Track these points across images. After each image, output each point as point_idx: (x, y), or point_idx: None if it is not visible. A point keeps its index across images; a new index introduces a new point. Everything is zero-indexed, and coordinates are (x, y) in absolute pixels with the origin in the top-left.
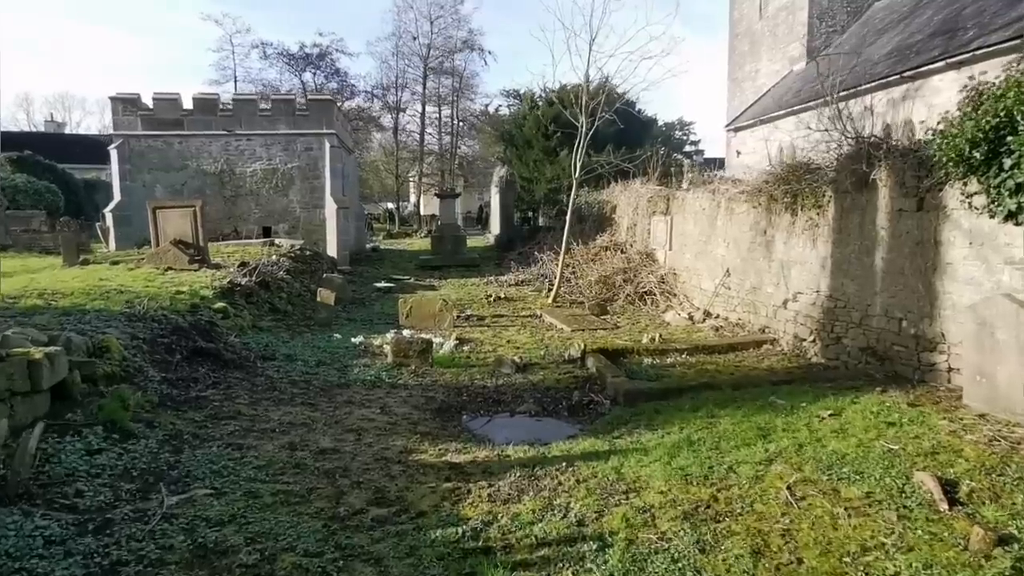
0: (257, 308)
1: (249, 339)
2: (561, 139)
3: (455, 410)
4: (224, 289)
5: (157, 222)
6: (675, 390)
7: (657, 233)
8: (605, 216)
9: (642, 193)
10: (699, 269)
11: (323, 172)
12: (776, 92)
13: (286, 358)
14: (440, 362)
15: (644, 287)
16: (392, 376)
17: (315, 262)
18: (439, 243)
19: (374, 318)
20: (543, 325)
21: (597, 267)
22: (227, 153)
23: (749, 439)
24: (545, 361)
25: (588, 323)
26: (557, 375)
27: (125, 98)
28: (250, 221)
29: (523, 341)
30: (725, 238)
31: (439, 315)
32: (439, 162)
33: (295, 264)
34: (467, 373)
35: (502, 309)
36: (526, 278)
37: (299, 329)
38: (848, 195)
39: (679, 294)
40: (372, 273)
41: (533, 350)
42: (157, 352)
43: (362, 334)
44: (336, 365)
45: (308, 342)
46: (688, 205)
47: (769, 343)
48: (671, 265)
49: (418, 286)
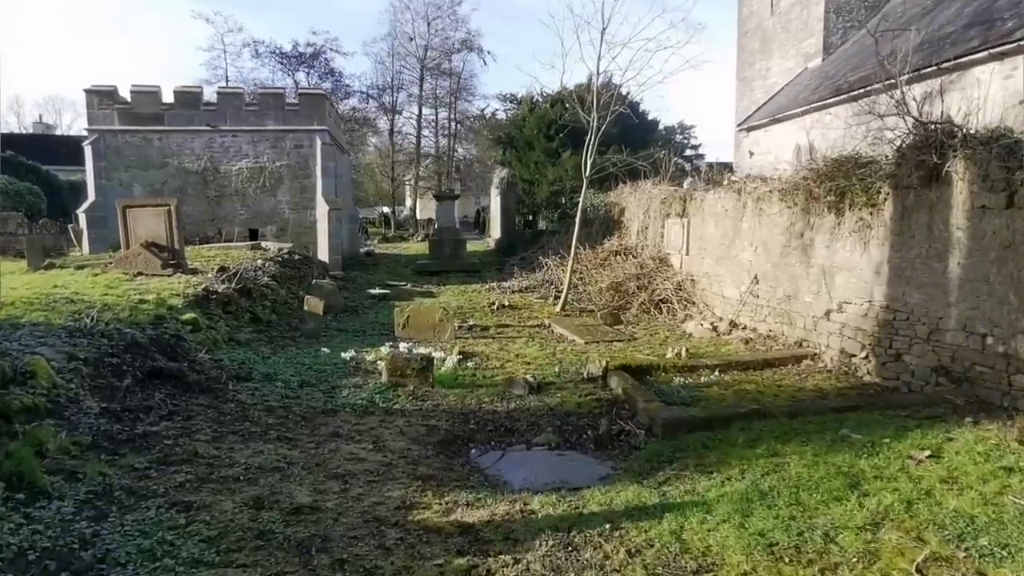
0: (236, 318)
1: (223, 355)
2: (564, 140)
3: (462, 442)
4: (197, 297)
5: (127, 223)
6: (721, 418)
7: (672, 237)
8: (613, 219)
9: (654, 194)
10: (721, 275)
11: (314, 171)
12: (791, 90)
13: (264, 378)
14: (442, 381)
15: (660, 295)
16: (387, 399)
17: (304, 267)
18: (437, 247)
19: (367, 328)
20: (553, 336)
21: (607, 273)
22: (211, 150)
23: (836, 490)
24: (562, 380)
25: (602, 334)
26: (577, 397)
27: (101, 90)
28: (235, 223)
29: (533, 355)
30: (752, 241)
31: (439, 325)
32: (436, 165)
33: (282, 269)
34: (474, 395)
35: (507, 318)
36: (530, 284)
37: (282, 342)
38: (912, 191)
39: (698, 302)
40: (366, 279)
41: (546, 366)
42: (102, 376)
43: (353, 347)
44: (322, 386)
45: (292, 358)
46: (708, 206)
47: (809, 358)
48: (688, 271)
49: (415, 293)
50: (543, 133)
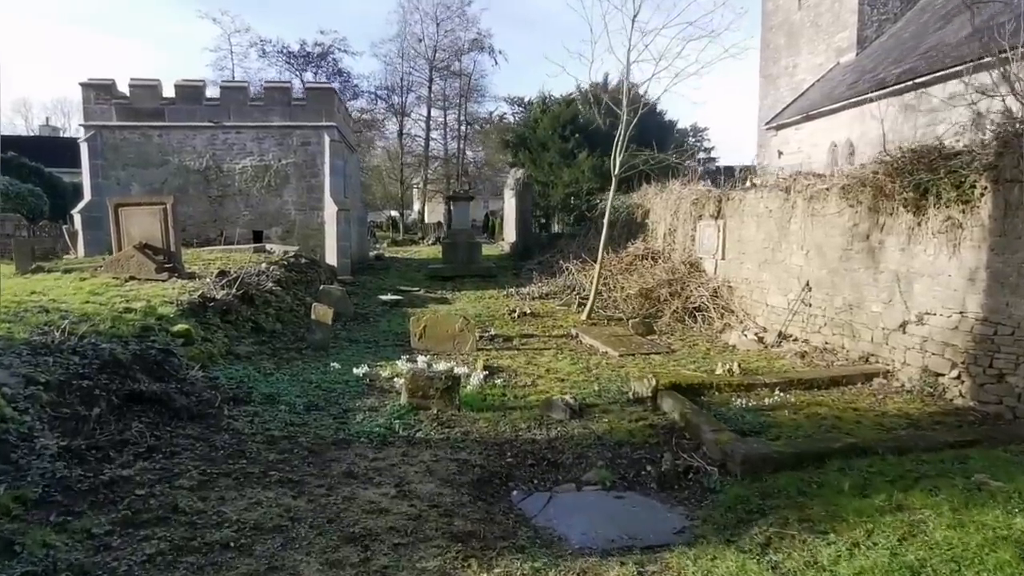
0: (236, 328)
1: (219, 372)
2: (580, 141)
3: (500, 481)
4: (193, 305)
5: (119, 223)
6: (811, 455)
7: (704, 240)
8: (636, 222)
9: (684, 195)
10: (764, 281)
11: (322, 170)
12: (823, 86)
13: (266, 400)
14: (469, 403)
15: (694, 302)
16: (408, 426)
17: (311, 271)
18: (451, 251)
19: (380, 339)
20: (582, 348)
21: (635, 279)
22: (213, 147)
23: (1008, 565)
24: (605, 401)
25: (636, 345)
26: (627, 423)
27: (98, 84)
28: (239, 224)
29: (566, 370)
30: (803, 244)
31: (459, 336)
32: (444, 168)
33: (287, 274)
34: (507, 419)
35: (530, 327)
36: (551, 290)
37: (288, 355)
38: (1018, 185)
39: (736, 310)
40: (376, 284)
41: (583, 384)
42: (67, 403)
43: (366, 361)
44: (333, 410)
45: (298, 374)
46: (748, 207)
47: (881, 376)
48: (724, 276)
49: (429, 299)
50: (558, 133)
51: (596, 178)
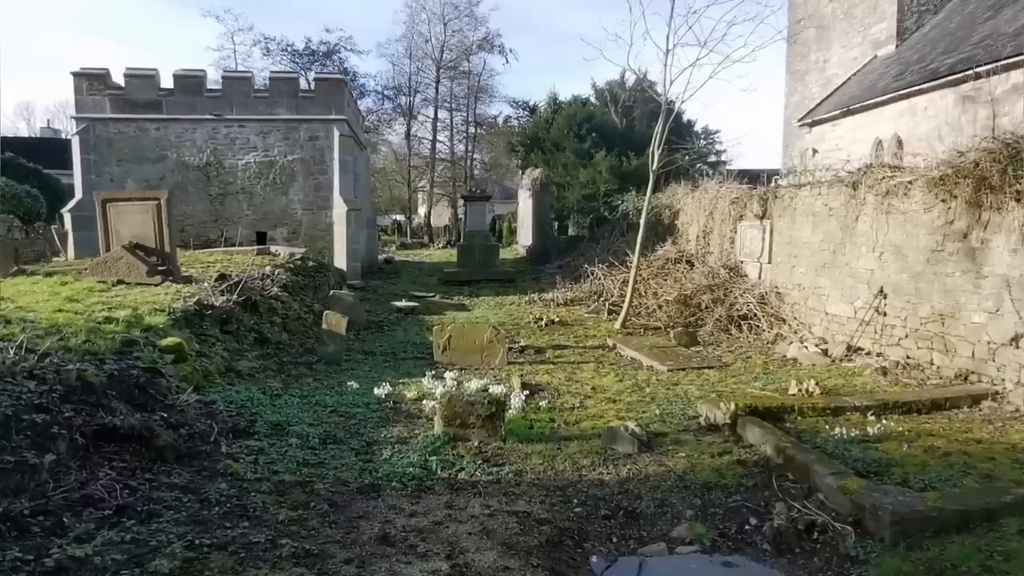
0: (237, 340)
1: (217, 395)
2: (596, 140)
3: (573, 542)
4: (187, 314)
5: (107, 220)
6: (979, 512)
7: (746, 242)
8: (664, 223)
9: (722, 194)
10: (822, 287)
11: (330, 166)
12: (862, 79)
13: (273, 431)
14: (515, 431)
15: (739, 309)
16: (447, 463)
17: (319, 275)
18: (467, 254)
19: (398, 350)
20: (624, 361)
21: (670, 284)
22: (214, 142)
23: None
24: (672, 428)
25: (684, 359)
26: (708, 457)
27: (91, 73)
28: (241, 225)
29: (614, 388)
30: (875, 245)
31: (488, 348)
32: (451, 170)
33: (294, 278)
34: (564, 454)
35: (560, 337)
36: (576, 296)
37: (297, 371)
38: None
39: (789, 319)
40: (388, 289)
41: (638, 405)
42: (12, 447)
43: (387, 378)
44: (354, 442)
45: (309, 395)
46: (801, 205)
47: (989, 398)
48: (771, 282)
49: (446, 305)
50: (573, 133)
51: (614, 179)
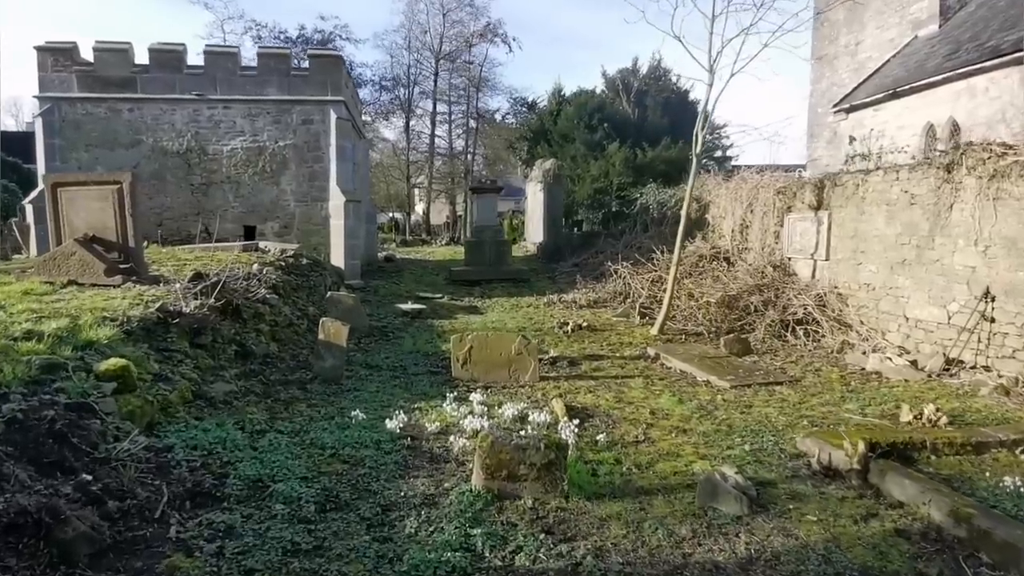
0: (213, 355)
1: (177, 435)
2: (608, 131)
3: None
4: (148, 323)
5: (59, 208)
6: None
7: (795, 236)
8: (690, 217)
9: (763, 183)
10: (901, 288)
11: (327, 153)
12: (904, 61)
13: (250, 491)
14: (578, 482)
15: (794, 313)
16: (496, 539)
17: (315, 274)
18: (476, 251)
19: (407, 363)
20: (674, 374)
21: (710, 284)
22: (196, 125)
23: None
24: (777, 473)
25: (744, 372)
26: (850, 523)
27: (57, 47)
28: (227, 218)
29: (677, 412)
30: (978, 238)
31: (516, 361)
32: (450, 165)
33: (286, 277)
34: (649, 516)
35: (591, 345)
36: (599, 297)
37: (287, 393)
38: None
39: (855, 325)
40: (391, 289)
41: (716, 436)
42: None
43: (399, 402)
44: (363, 507)
45: (302, 430)
46: (871, 192)
47: None
48: (830, 281)
49: (457, 308)
50: (584, 123)
51: (629, 171)
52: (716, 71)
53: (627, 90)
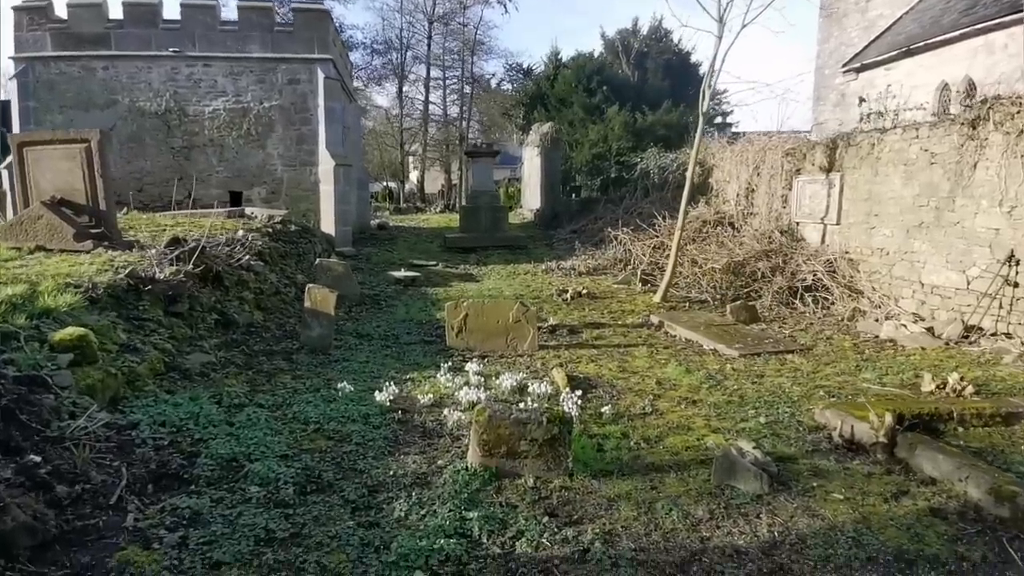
0: (190, 324)
1: (144, 411)
2: (607, 94)
3: None
4: (117, 289)
5: (25, 169)
6: None
7: (804, 200)
8: (693, 181)
9: (771, 145)
10: (917, 252)
11: (315, 114)
12: (919, 17)
13: (223, 471)
14: (583, 458)
15: (802, 279)
16: (494, 522)
17: (304, 241)
18: (472, 217)
19: (400, 331)
20: (679, 343)
21: (714, 250)
22: (174, 84)
23: None
24: (796, 447)
25: (753, 340)
26: (880, 501)
27: (32, 6)
28: (211, 183)
29: (685, 382)
30: (1003, 198)
31: (514, 329)
32: (444, 132)
33: (273, 244)
34: (662, 498)
35: (592, 312)
36: (599, 264)
37: (271, 364)
38: None
39: (867, 291)
40: (384, 257)
41: (728, 408)
42: None
43: (390, 373)
44: (348, 487)
45: (285, 403)
46: (888, 152)
47: None
48: (841, 246)
49: (452, 276)
50: (582, 86)
51: (629, 136)
52: (726, 21)
53: (627, 52)
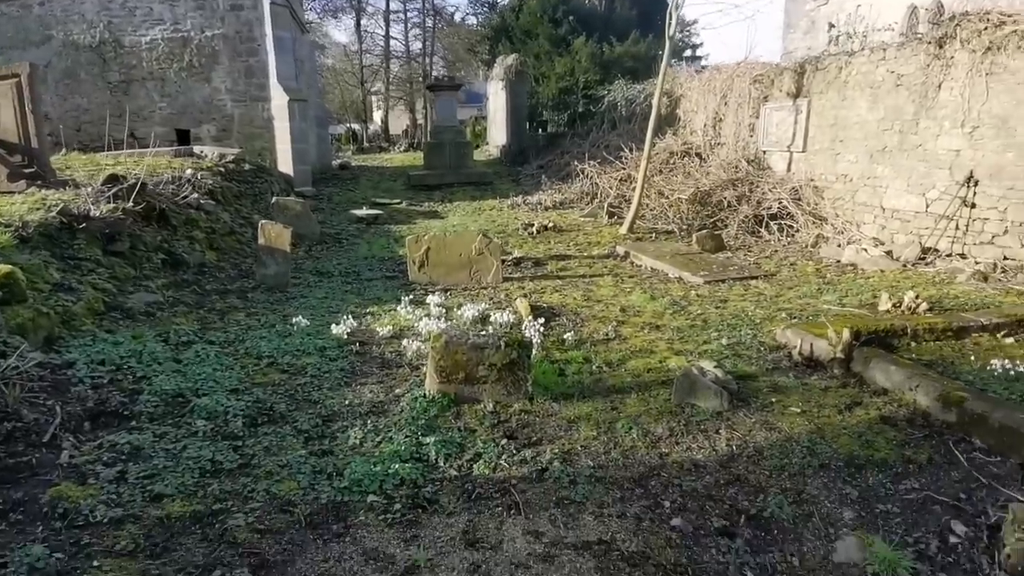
0: (134, 264)
1: (81, 350)
2: (574, 24)
3: None
4: (49, 228)
5: None
6: None
7: (771, 128)
8: (661, 113)
9: (740, 72)
10: (880, 177)
11: (263, 45)
12: None
13: (168, 407)
14: (543, 382)
15: (768, 208)
16: (452, 447)
17: (259, 181)
18: (436, 153)
19: (361, 268)
20: (644, 272)
21: (681, 180)
22: (108, 13)
23: None
24: (756, 366)
25: (718, 267)
26: (835, 413)
27: None
28: (155, 121)
29: (649, 309)
30: (966, 119)
31: (477, 262)
32: (407, 69)
33: (225, 183)
34: (622, 416)
35: (558, 245)
36: (566, 199)
37: (224, 303)
38: None
39: (830, 218)
40: (345, 196)
41: (691, 332)
42: None
43: (349, 308)
44: (302, 418)
45: (237, 339)
46: (855, 75)
47: None
48: (806, 174)
49: (416, 213)
50: (548, 17)
51: (596, 68)
52: None
53: None
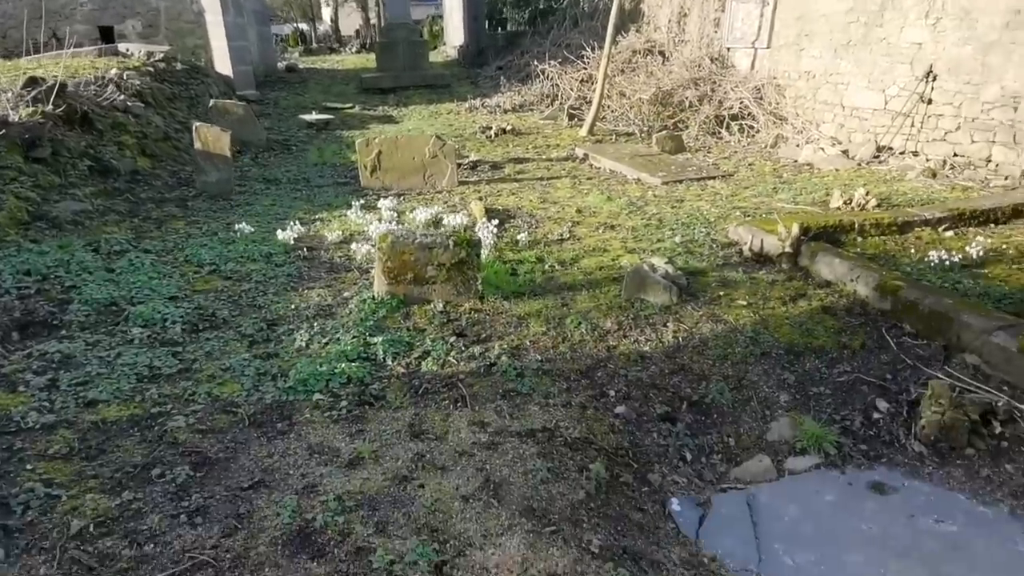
0: (57, 172)
1: (3, 261)
2: None
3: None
4: None
5: None
6: None
7: (736, 23)
8: (623, 8)
9: None
10: (843, 73)
11: None
12: None
13: (100, 316)
14: (495, 282)
15: (729, 108)
16: (400, 345)
17: (195, 83)
18: (388, 54)
19: (311, 175)
20: (603, 174)
21: (643, 80)
22: None
23: None
24: (707, 261)
25: (677, 168)
26: (779, 304)
27: None
28: (76, 19)
29: (605, 209)
30: (930, 9)
31: (432, 165)
32: None
33: (156, 84)
34: (572, 312)
35: (516, 148)
36: (526, 101)
37: (161, 212)
38: None
39: (791, 117)
40: (294, 101)
41: (646, 231)
42: None
43: (297, 214)
44: (246, 323)
45: (174, 249)
46: None
47: None
48: (770, 72)
49: (369, 118)
50: None
51: None
52: None
53: None
